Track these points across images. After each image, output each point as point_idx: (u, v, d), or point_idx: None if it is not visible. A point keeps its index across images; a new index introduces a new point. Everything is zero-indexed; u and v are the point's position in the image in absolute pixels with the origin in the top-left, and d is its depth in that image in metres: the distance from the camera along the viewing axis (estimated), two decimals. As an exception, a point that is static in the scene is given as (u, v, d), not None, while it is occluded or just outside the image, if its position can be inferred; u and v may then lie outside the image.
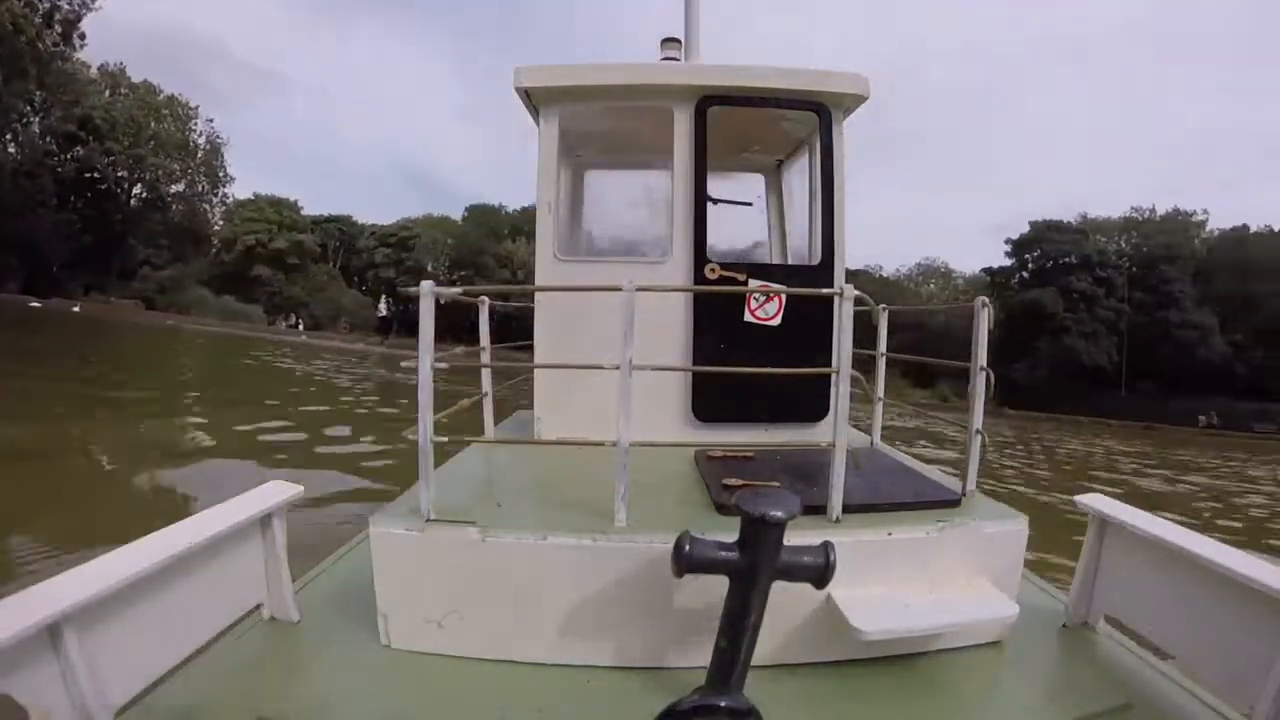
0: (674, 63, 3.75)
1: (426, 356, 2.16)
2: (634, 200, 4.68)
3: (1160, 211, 54.44)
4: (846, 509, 2.26)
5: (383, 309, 64.63)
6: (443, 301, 2.26)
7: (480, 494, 2.72)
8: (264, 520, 2.35)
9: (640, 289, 2.18)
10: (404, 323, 56.22)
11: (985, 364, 2.47)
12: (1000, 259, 54.58)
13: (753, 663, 1.80)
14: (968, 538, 2.27)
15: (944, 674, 2.12)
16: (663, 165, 3.63)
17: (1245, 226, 52.43)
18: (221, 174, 64.98)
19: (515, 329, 3.90)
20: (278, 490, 2.47)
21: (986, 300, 2.50)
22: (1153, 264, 50.60)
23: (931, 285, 58.90)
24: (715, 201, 3.51)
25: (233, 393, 16.78)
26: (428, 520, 2.18)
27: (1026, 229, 52.68)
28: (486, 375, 3.53)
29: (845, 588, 2.04)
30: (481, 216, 67.70)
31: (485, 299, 3.43)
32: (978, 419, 2.50)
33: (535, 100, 3.45)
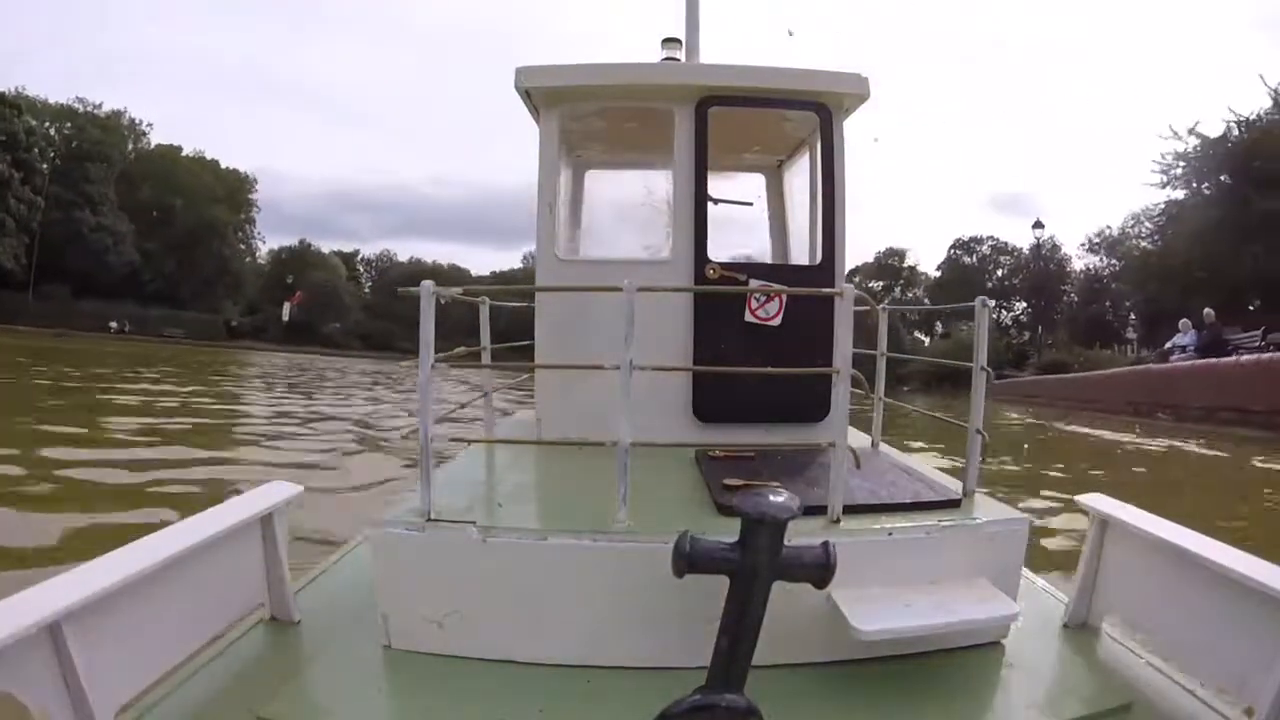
0: (674, 63, 3.76)
1: (426, 356, 2.16)
2: (634, 200, 4.68)
3: (106, 110, 52.39)
4: (847, 509, 2.26)
5: None
6: (444, 301, 2.26)
7: (481, 494, 2.72)
8: (264, 520, 2.36)
9: (640, 289, 2.18)
10: None
11: (985, 363, 2.47)
12: None
13: (753, 663, 1.80)
14: (968, 537, 2.27)
15: (944, 674, 2.12)
16: (663, 165, 3.63)
17: (179, 148, 55.39)
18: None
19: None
20: (279, 490, 2.48)
21: (986, 300, 2.50)
22: (81, 159, 47.82)
23: None
24: (716, 201, 3.51)
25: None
26: (428, 520, 2.18)
27: None
28: (487, 375, 3.53)
29: (845, 588, 2.04)
30: None
31: (485, 299, 3.44)
32: (978, 418, 2.50)
33: (536, 101, 3.46)
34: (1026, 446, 14.07)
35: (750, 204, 4.49)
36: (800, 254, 4.00)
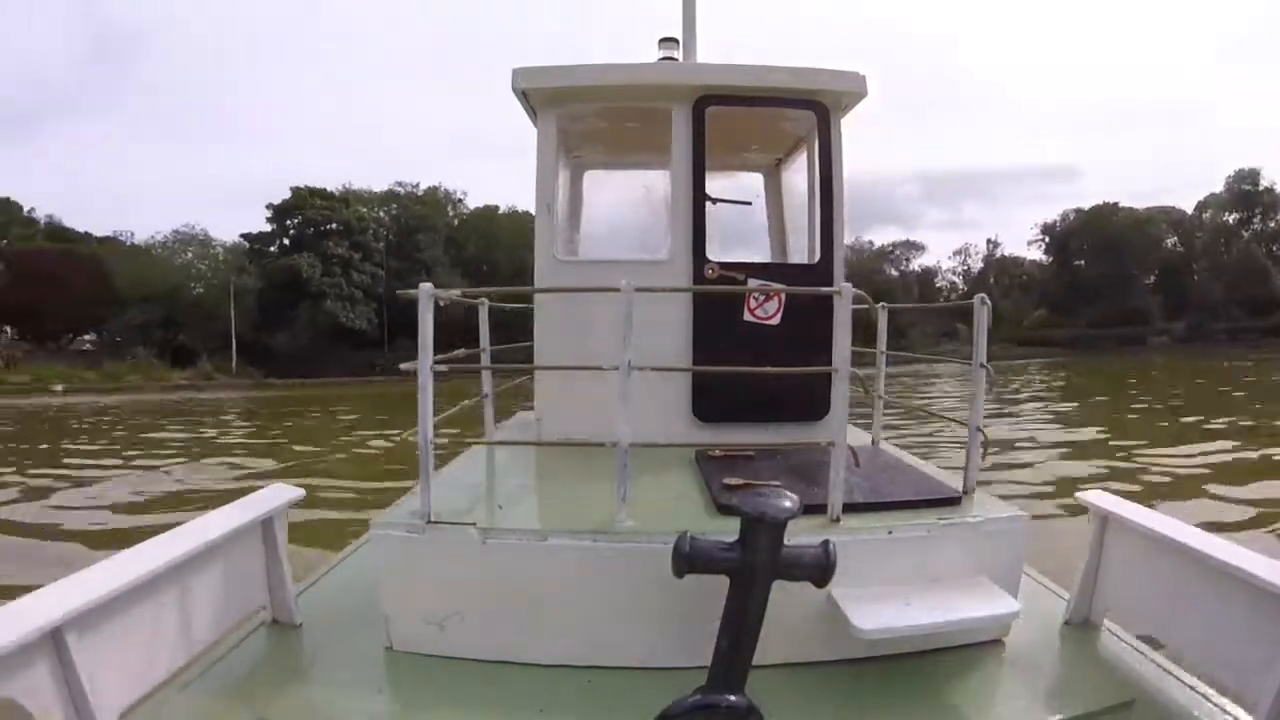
0: (672, 63, 3.75)
1: (426, 358, 2.16)
2: (633, 200, 4.67)
3: (424, 187, 60.05)
4: (847, 508, 2.25)
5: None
6: (443, 304, 2.26)
7: (481, 495, 2.72)
8: (265, 523, 2.36)
9: (639, 289, 2.18)
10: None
11: (985, 361, 2.47)
12: (262, 224, 53.02)
13: (753, 662, 1.80)
14: (968, 535, 2.27)
15: (945, 672, 2.12)
16: (662, 165, 3.63)
17: (496, 206, 61.45)
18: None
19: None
20: (278, 493, 2.48)
21: (985, 298, 2.50)
22: (410, 233, 55.57)
23: (190, 254, 54.32)
24: (714, 201, 3.51)
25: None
26: (429, 522, 2.19)
27: (289, 194, 51.82)
28: (487, 376, 3.53)
29: (846, 587, 2.04)
30: None
31: (485, 300, 3.44)
32: (978, 416, 2.50)
33: (533, 102, 3.45)
34: None
35: (749, 203, 4.49)
36: (799, 253, 4.00)
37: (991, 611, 2.13)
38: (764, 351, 3.18)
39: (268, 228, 53.03)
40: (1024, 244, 60.91)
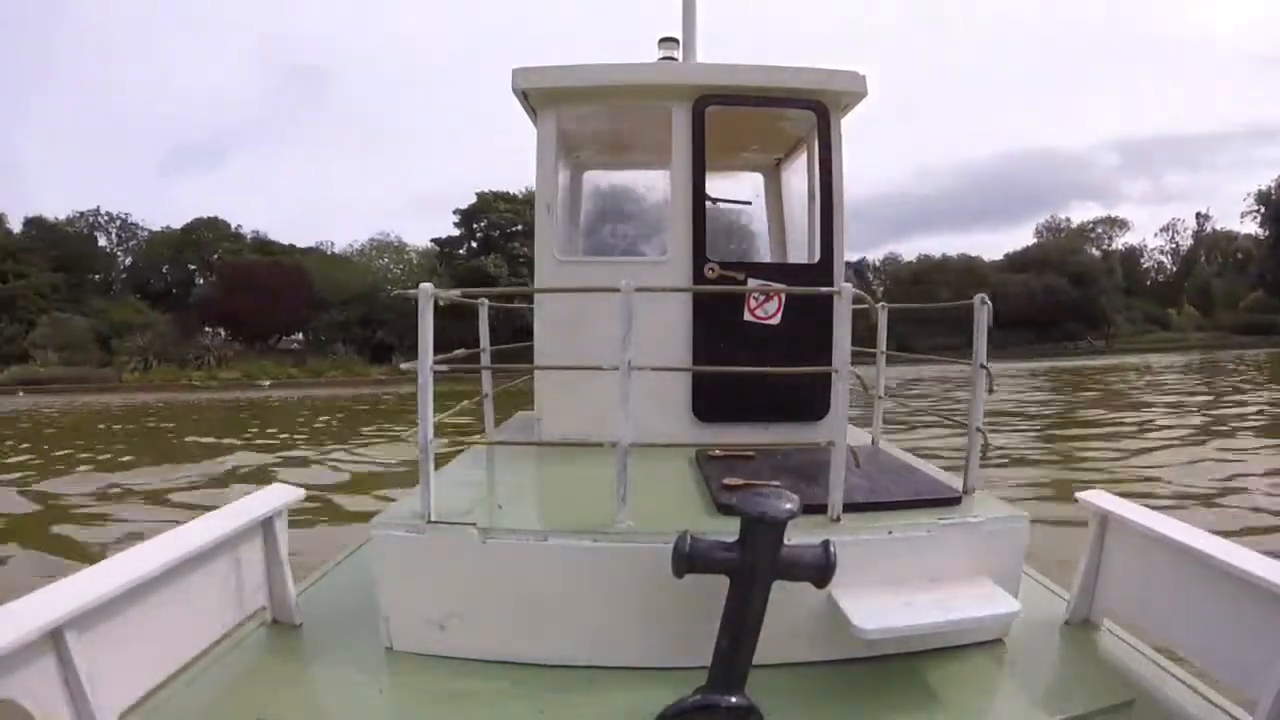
0: (672, 62, 3.75)
1: (426, 358, 2.16)
2: (633, 200, 4.68)
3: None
4: (847, 507, 2.25)
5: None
6: (442, 304, 2.27)
7: (481, 495, 2.72)
8: (265, 524, 2.36)
9: (639, 289, 2.18)
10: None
11: (985, 361, 2.47)
12: (451, 229, 54.32)
13: (754, 662, 1.81)
14: (968, 535, 2.27)
15: (945, 672, 2.12)
16: (661, 165, 3.63)
17: None
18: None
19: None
20: (279, 494, 2.48)
21: (985, 298, 2.50)
22: None
23: (385, 259, 56.98)
24: (714, 201, 3.51)
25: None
26: (429, 522, 2.19)
27: (474, 199, 53.19)
28: (486, 376, 3.53)
29: (846, 586, 2.04)
30: None
31: (485, 300, 3.44)
32: (978, 416, 2.50)
33: (533, 102, 3.45)
34: None
35: (749, 203, 4.49)
36: (799, 252, 4.00)
37: (992, 611, 2.13)
38: (764, 351, 3.18)
39: (456, 232, 54.47)
40: (1236, 216, 56.37)
